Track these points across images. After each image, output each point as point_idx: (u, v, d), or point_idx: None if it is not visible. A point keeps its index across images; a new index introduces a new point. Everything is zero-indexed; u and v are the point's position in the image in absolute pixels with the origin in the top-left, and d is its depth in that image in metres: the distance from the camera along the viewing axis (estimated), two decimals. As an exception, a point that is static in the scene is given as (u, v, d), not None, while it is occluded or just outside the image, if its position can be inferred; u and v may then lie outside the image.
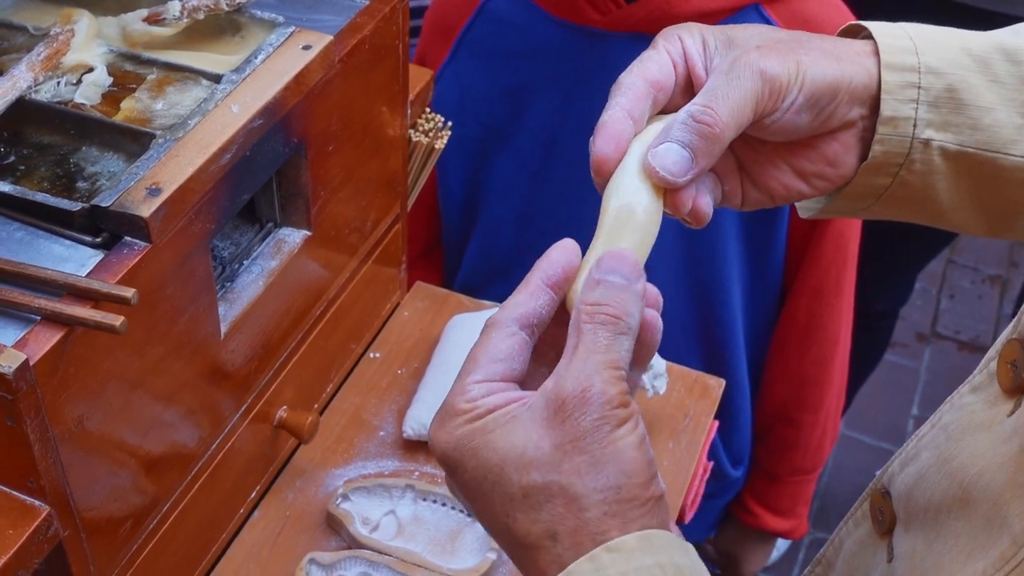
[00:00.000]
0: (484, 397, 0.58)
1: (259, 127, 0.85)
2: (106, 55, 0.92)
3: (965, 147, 0.71)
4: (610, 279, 0.59)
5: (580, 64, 1.31)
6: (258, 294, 0.93)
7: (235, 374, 0.95)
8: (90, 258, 0.76)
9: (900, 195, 0.73)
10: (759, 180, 0.72)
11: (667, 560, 0.56)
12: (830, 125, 0.70)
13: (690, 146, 0.64)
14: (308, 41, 0.91)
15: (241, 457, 1.00)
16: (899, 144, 0.71)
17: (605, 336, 0.58)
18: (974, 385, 0.66)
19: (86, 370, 0.74)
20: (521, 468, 0.56)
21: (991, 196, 0.74)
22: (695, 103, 0.64)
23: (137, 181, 0.78)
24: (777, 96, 0.66)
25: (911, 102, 0.70)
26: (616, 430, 0.56)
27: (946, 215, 0.75)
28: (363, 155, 1.05)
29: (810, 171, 0.72)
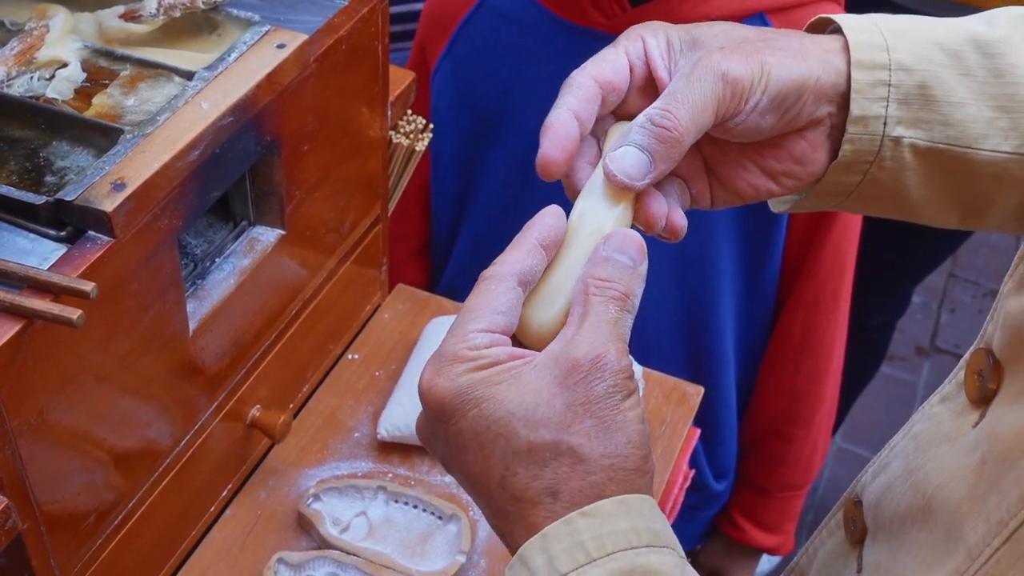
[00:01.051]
0: (488, 348, 0.58)
1: (229, 124, 0.85)
2: (80, 51, 0.92)
3: (936, 143, 0.71)
4: (618, 258, 0.61)
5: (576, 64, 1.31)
6: (229, 292, 0.93)
7: (206, 371, 0.95)
8: (53, 251, 0.76)
9: (871, 192, 0.73)
10: (727, 180, 0.72)
11: (643, 525, 0.56)
12: (797, 124, 0.69)
13: (648, 149, 0.64)
14: (283, 40, 0.91)
15: (212, 455, 1.00)
16: (869, 143, 0.70)
17: (615, 310, 0.59)
18: (943, 395, 0.66)
19: (46, 363, 0.74)
20: (531, 424, 0.57)
21: (962, 190, 0.73)
22: (655, 107, 0.64)
23: (102, 176, 0.78)
24: (740, 98, 0.65)
25: (881, 100, 0.69)
26: (625, 400, 0.58)
27: (917, 209, 0.75)
28: (341, 155, 1.05)
29: (778, 170, 0.71)
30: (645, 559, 0.55)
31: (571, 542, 0.56)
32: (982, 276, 3.11)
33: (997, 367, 0.62)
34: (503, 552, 1.04)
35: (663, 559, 0.56)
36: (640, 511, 0.57)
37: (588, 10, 1.27)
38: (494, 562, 1.04)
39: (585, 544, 0.56)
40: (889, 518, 0.67)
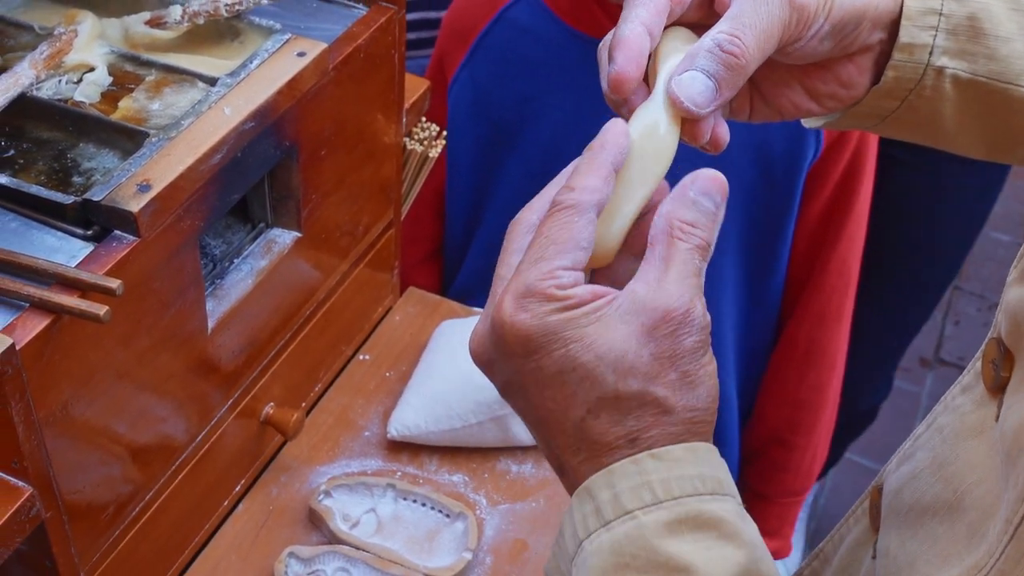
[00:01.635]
0: (574, 287, 0.57)
1: (250, 129, 0.88)
2: (107, 55, 0.95)
3: (978, 76, 0.71)
4: (704, 202, 0.60)
5: (594, 76, 1.34)
6: (247, 292, 0.96)
7: (222, 369, 0.97)
8: (80, 250, 0.79)
9: (906, 118, 0.73)
10: (770, 98, 0.72)
11: (709, 473, 0.57)
12: (850, 50, 0.70)
13: (715, 76, 0.62)
14: (303, 48, 0.94)
15: (226, 451, 1.02)
16: (912, 71, 0.70)
17: (698, 261, 0.59)
18: (964, 385, 0.67)
19: (72, 357, 0.77)
20: (619, 372, 0.57)
21: (997, 124, 0.74)
22: (721, 30, 0.63)
23: (129, 177, 0.81)
24: (804, 25, 0.65)
25: (930, 29, 0.70)
26: (706, 355, 0.58)
27: (948, 138, 0.75)
28: (356, 161, 1.08)
29: (823, 92, 0.72)
30: (708, 506, 0.56)
31: (639, 481, 0.56)
32: (987, 289, 3.13)
33: (1008, 356, 0.62)
34: (509, 549, 1.07)
35: (725, 507, 0.57)
36: (707, 459, 0.58)
37: (603, 21, 1.30)
38: (500, 559, 1.07)
39: (652, 485, 0.56)
40: (908, 506, 0.68)
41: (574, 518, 0.58)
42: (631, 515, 0.56)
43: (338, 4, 1.06)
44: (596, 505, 0.57)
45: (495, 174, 1.43)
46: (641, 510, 0.56)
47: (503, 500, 1.11)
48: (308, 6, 1.06)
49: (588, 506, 0.57)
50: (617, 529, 0.56)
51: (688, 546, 0.55)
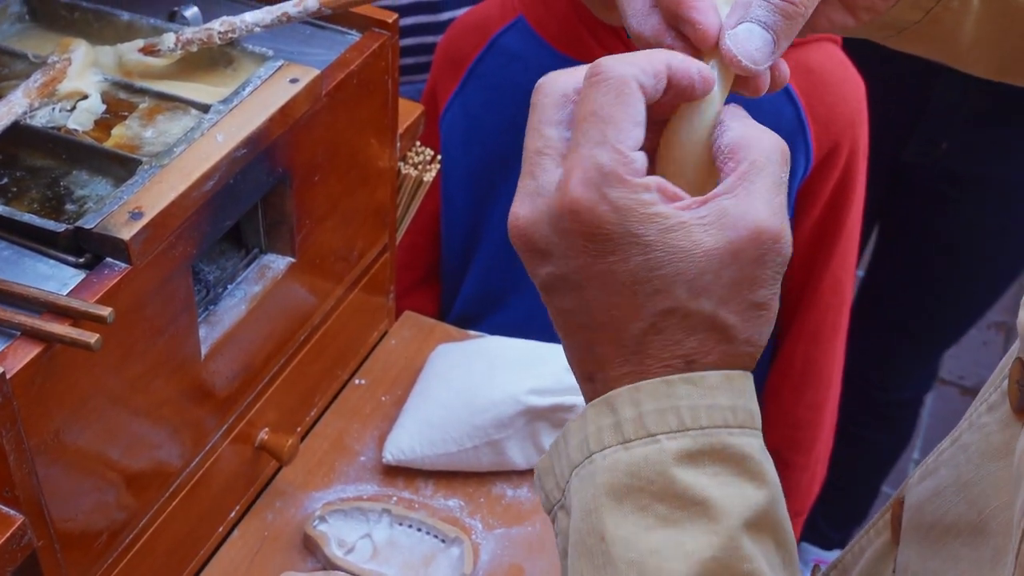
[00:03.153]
0: (644, 176, 0.53)
1: (243, 156, 0.88)
2: (100, 83, 0.95)
3: None
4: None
5: None
6: (240, 317, 0.96)
7: (216, 395, 0.97)
8: (72, 277, 0.79)
9: (926, 31, 0.70)
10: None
11: (742, 404, 0.54)
12: None
13: (773, 28, 0.57)
14: (296, 75, 0.95)
15: (221, 476, 1.02)
16: None
17: (784, 174, 0.55)
18: (990, 403, 0.64)
19: (64, 385, 0.77)
20: (694, 290, 0.53)
21: (1014, 41, 0.71)
22: None
23: (121, 205, 0.81)
24: None
25: None
26: (779, 285, 0.55)
27: (961, 55, 0.72)
28: (350, 186, 1.08)
29: (862, 4, 0.68)
30: (737, 440, 0.53)
31: (667, 404, 0.53)
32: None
33: None
34: (505, 574, 1.06)
35: (752, 443, 0.54)
36: (742, 390, 0.55)
37: (590, 45, 1.31)
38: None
39: (680, 411, 0.53)
40: (930, 523, 0.66)
41: (587, 428, 0.55)
42: (654, 438, 0.53)
43: (331, 30, 1.07)
44: (617, 420, 0.54)
45: (489, 201, 1.43)
46: (665, 435, 0.53)
47: (499, 524, 1.11)
48: (301, 32, 1.06)
49: (607, 419, 0.54)
50: (636, 450, 0.53)
51: (708, 479, 0.53)
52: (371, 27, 1.06)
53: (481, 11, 1.41)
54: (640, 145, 0.53)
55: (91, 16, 1.02)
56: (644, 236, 0.52)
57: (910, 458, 2.73)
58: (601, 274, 0.53)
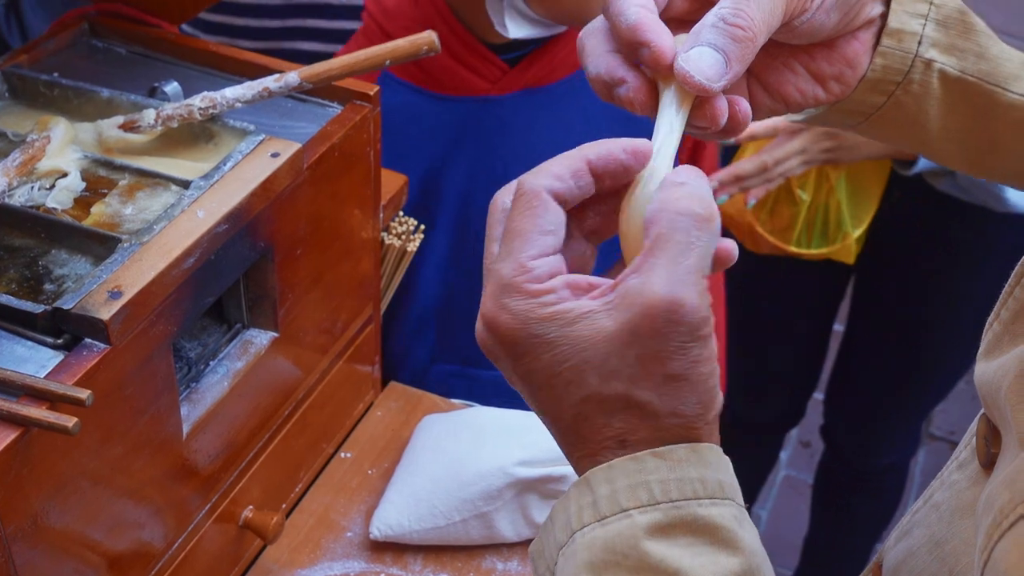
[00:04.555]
0: (551, 278, 0.56)
1: (224, 232, 0.88)
2: (80, 160, 0.94)
3: (966, 74, 0.71)
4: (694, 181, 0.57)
5: (481, 131, 1.39)
6: (222, 395, 0.95)
7: (199, 474, 0.96)
8: (51, 359, 0.78)
9: (892, 116, 0.72)
10: (774, 87, 0.70)
11: (711, 475, 0.56)
12: (855, 24, 0.68)
13: (723, 49, 0.60)
14: (277, 149, 0.94)
15: (205, 557, 1.00)
16: (901, 60, 0.70)
17: (694, 236, 0.55)
18: (960, 461, 0.66)
19: (42, 469, 0.75)
20: (604, 375, 0.55)
21: (981, 130, 0.73)
22: (724, 6, 0.61)
23: (100, 284, 0.80)
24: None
25: (920, 17, 0.69)
26: (702, 351, 0.55)
27: (931, 142, 0.74)
28: (333, 258, 1.07)
29: (829, 73, 0.70)
30: (707, 511, 0.55)
31: (638, 480, 0.55)
32: (975, 363, 3.12)
33: (995, 431, 0.61)
34: (495, 652, 1.04)
35: (723, 512, 0.55)
36: (709, 460, 0.56)
37: (473, 82, 1.35)
38: (486, 662, 1.04)
39: (651, 485, 0.55)
40: None
41: (569, 508, 0.57)
42: (626, 513, 0.55)
43: (313, 103, 1.07)
44: (594, 498, 0.56)
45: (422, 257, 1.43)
46: (637, 509, 0.55)
47: (489, 599, 1.09)
48: (283, 106, 1.06)
49: (586, 498, 0.56)
50: (611, 526, 0.55)
51: (680, 551, 0.54)
52: (352, 99, 1.05)
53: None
54: (550, 251, 0.57)
55: (71, 93, 1.02)
56: (546, 336, 0.56)
57: (900, 514, 2.72)
58: (524, 375, 0.57)
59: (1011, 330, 0.60)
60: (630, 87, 0.62)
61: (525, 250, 0.57)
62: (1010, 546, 0.49)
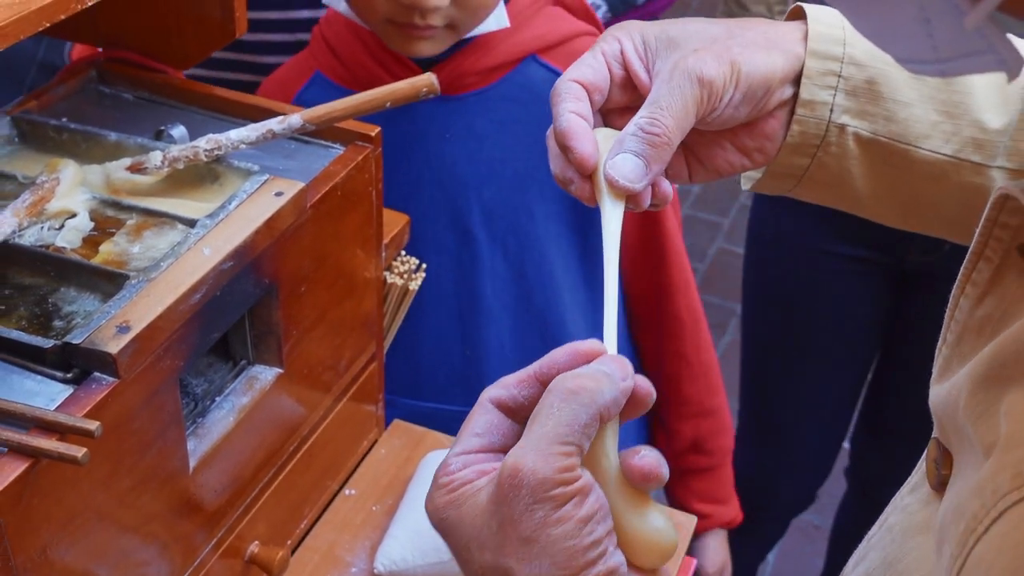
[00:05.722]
0: (460, 471, 0.62)
1: (229, 269, 0.90)
2: (88, 201, 0.97)
3: (878, 136, 0.77)
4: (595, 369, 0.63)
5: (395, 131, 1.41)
6: (228, 430, 0.96)
7: (205, 509, 0.97)
8: (60, 392, 0.79)
9: (820, 177, 0.79)
10: (706, 160, 0.79)
11: None
12: (767, 108, 0.76)
13: (642, 155, 0.70)
14: (280, 188, 0.96)
15: (211, 592, 1.01)
16: (816, 127, 0.76)
17: (555, 407, 0.60)
18: (912, 485, 0.68)
19: (51, 500, 0.77)
20: (478, 547, 0.60)
21: (902, 186, 0.79)
22: (642, 115, 0.71)
23: (108, 319, 0.82)
24: (715, 97, 0.72)
25: (829, 88, 0.76)
26: (551, 513, 0.58)
27: (862, 202, 0.81)
28: (336, 296, 1.09)
29: (751, 147, 0.78)
30: None
31: None
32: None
33: (946, 453, 0.63)
34: None
35: None
36: None
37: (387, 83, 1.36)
38: None
39: None
40: None
41: None
42: None
43: (315, 144, 1.09)
44: None
45: None
46: None
47: (493, 633, 1.09)
48: (286, 147, 1.08)
49: None
50: None
51: None
52: (354, 140, 1.08)
53: (280, 73, 1.46)
54: (473, 449, 0.63)
55: (79, 137, 1.04)
56: (448, 519, 0.62)
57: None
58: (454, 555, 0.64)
59: (957, 352, 0.63)
60: (576, 187, 0.72)
61: (455, 450, 0.64)
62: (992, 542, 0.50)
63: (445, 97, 1.38)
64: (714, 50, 0.72)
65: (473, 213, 1.41)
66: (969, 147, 0.77)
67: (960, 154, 0.77)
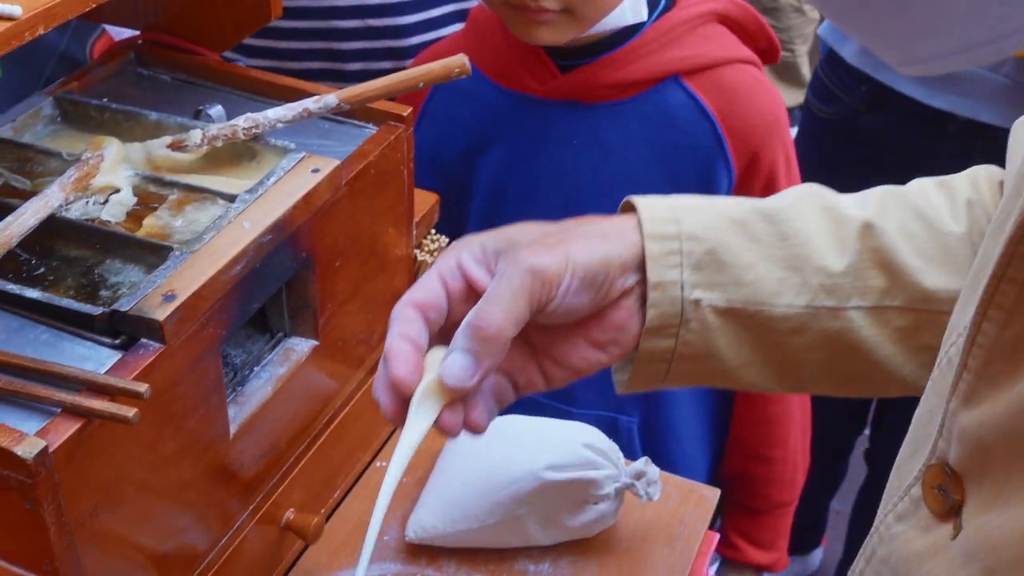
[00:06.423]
0: None
1: (269, 242, 0.93)
2: (131, 178, 1.00)
3: (733, 303, 0.78)
4: None
5: (524, 128, 1.45)
6: (266, 398, 0.99)
7: (243, 475, 1.00)
8: (108, 358, 0.83)
9: (688, 356, 0.79)
10: (561, 359, 0.78)
11: None
12: (611, 296, 0.76)
13: (471, 351, 0.69)
14: (317, 165, 0.99)
15: (247, 558, 1.04)
16: (671, 306, 0.77)
17: None
18: (899, 513, 0.67)
19: (101, 461, 0.80)
20: None
21: (770, 348, 0.80)
22: (473, 310, 0.71)
23: (154, 288, 0.85)
24: (551, 285, 0.72)
25: (675, 267, 0.77)
26: None
27: (736, 373, 0.81)
28: (369, 272, 1.12)
29: (604, 340, 0.78)
30: None
31: None
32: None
33: (956, 478, 0.63)
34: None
35: None
36: None
37: (525, 79, 1.41)
38: (519, 660, 1.08)
39: None
40: None
41: None
42: None
43: (349, 124, 1.12)
44: None
45: (459, 227, 1.50)
46: None
47: (521, 601, 1.12)
48: (320, 127, 1.11)
49: None
50: None
51: None
52: (387, 120, 1.11)
53: (429, 55, 1.49)
54: None
55: (120, 116, 1.07)
56: None
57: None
58: None
59: (986, 376, 0.61)
60: (383, 407, 0.73)
61: None
62: None
63: (577, 104, 1.40)
64: (547, 243, 0.74)
65: None
66: (821, 295, 0.78)
67: (814, 303, 0.78)
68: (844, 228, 0.80)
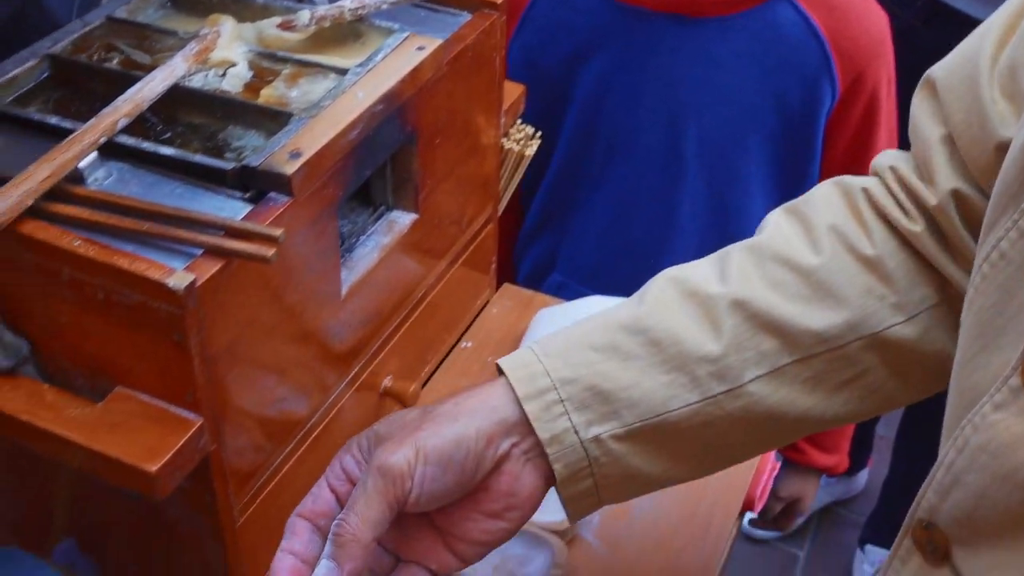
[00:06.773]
0: None
1: (380, 112, 0.98)
2: (246, 54, 1.05)
3: (631, 425, 0.78)
4: None
5: (626, 39, 1.47)
6: (373, 264, 1.05)
7: (349, 338, 1.06)
8: (240, 209, 0.88)
9: (610, 485, 0.80)
10: (465, 536, 0.79)
11: None
12: (485, 468, 0.77)
13: (333, 557, 0.72)
14: (421, 43, 1.04)
15: (348, 420, 1.10)
16: (574, 453, 0.78)
17: None
18: (996, 403, 0.65)
19: (238, 300, 0.86)
20: None
21: (685, 448, 0.80)
22: (336, 518, 0.74)
23: (280, 147, 0.90)
24: (402, 480, 0.74)
25: (562, 416, 0.78)
26: None
27: (665, 477, 0.81)
28: (463, 154, 1.17)
29: (498, 509, 0.78)
30: None
31: None
32: None
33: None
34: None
35: None
36: None
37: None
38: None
39: None
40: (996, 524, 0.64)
41: None
42: None
43: (444, 12, 1.16)
44: None
45: (555, 134, 1.53)
46: None
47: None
48: (417, 15, 1.16)
49: None
50: None
51: None
52: (481, 8, 1.15)
53: None
54: None
55: (229, 1, 1.12)
56: None
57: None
58: None
59: None
60: None
61: None
62: None
63: (685, 18, 1.40)
64: (399, 437, 0.75)
65: (688, 133, 1.44)
66: (712, 383, 0.78)
67: (709, 393, 0.78)
68: (712, 309, 0.80)
